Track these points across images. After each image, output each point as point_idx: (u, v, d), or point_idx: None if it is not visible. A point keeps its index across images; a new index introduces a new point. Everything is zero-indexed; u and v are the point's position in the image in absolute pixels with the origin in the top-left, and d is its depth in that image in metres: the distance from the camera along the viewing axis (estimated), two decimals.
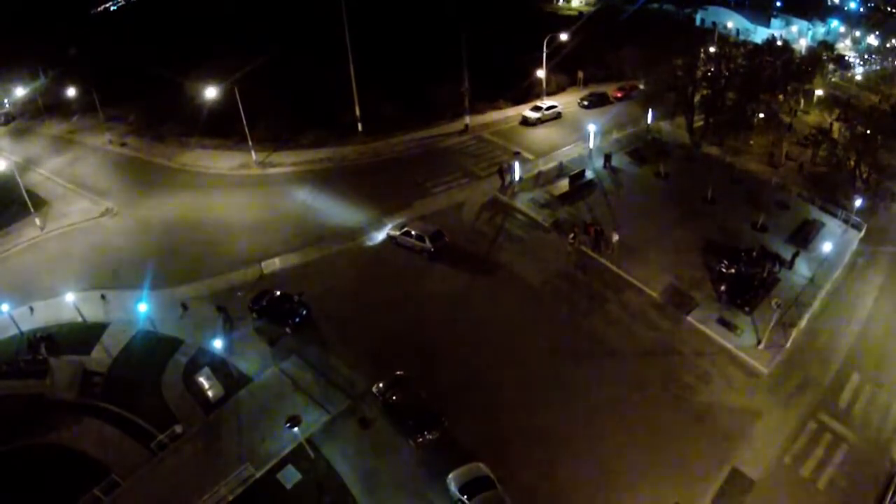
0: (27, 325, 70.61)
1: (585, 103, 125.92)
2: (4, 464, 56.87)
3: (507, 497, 51.44)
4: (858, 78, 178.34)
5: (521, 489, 53.16)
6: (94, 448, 57.69)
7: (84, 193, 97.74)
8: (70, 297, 70.47)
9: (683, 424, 60.48)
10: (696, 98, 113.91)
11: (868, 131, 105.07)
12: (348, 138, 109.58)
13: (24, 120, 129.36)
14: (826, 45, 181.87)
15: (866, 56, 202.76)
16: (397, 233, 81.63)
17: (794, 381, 66.52)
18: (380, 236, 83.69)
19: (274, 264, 78.75)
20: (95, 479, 53.16)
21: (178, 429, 58.15)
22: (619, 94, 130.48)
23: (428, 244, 78.69)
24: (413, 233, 79.91)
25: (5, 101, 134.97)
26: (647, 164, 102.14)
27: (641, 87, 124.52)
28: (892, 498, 56.08)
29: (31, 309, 73.53)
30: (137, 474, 54.91)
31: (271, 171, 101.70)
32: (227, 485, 52.86)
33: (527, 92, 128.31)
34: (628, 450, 57.58)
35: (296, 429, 52.11)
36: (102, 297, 74.14)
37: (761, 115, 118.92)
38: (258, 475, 54.13)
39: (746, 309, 73.47)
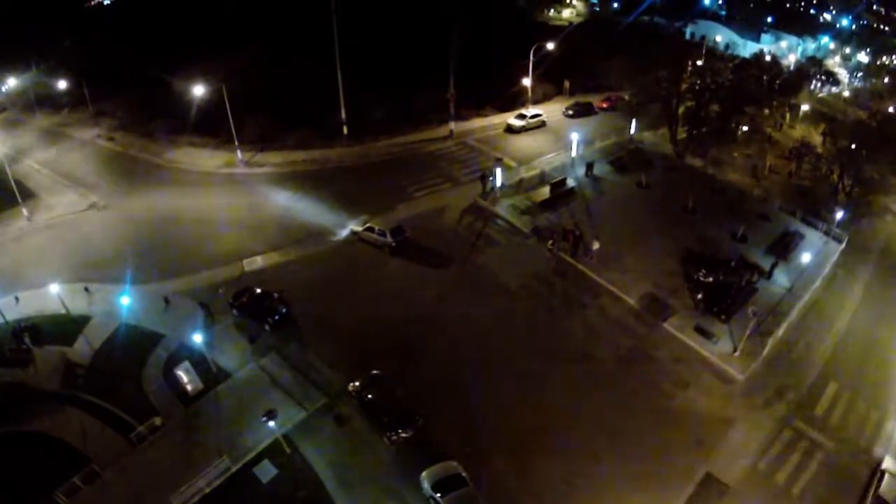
0: (12, 315, 70.71)
1: (570, 112, 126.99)
2: None
3: (479, 495, 52.15)
4: (846, 94, 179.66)
5: (493, 488, 53.82)
6: (75, 437, 58.15)
7: (71, 186, 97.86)
8: (55, 289, 70.69)
9: (658, 429, 61.11)
10: (681, 110, 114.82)
11: (853, 146, 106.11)
12: (334, 140, 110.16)
13: (15, 111, 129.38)
14: (814, 61, 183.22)
15: (856, 72, 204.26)
16: (360, 229, 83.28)
17: (770, 388, 67.28)
18: (344, 233, 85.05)
19: (255, 262, 79.44)
20: (76, 468, 53.68)
21: (158, 421, 58.64)
22: (604, 105, 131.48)
23: (389, 239, 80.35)
24: (375, 228, 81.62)
25: (3, 89, 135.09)
26: (630, 174, 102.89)
27: (627, 97, 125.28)
28: (873, 496, 57.07)
29: (17, 298, 73.71)
30: (117, 464, 55.41)
31: (256, 170, 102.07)
32: (205, 477, 53.37)
33: (513, 100, 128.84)
34: (602, 453, 58.26)
35: (272, 422, 52.74)
36: (86, 289, 74.36)
37: (745, 128, 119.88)
38: (235, 469, 54.65)
39: (723, 317, 74.23)
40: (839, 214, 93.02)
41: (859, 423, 65.45)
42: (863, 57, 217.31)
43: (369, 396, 59.42)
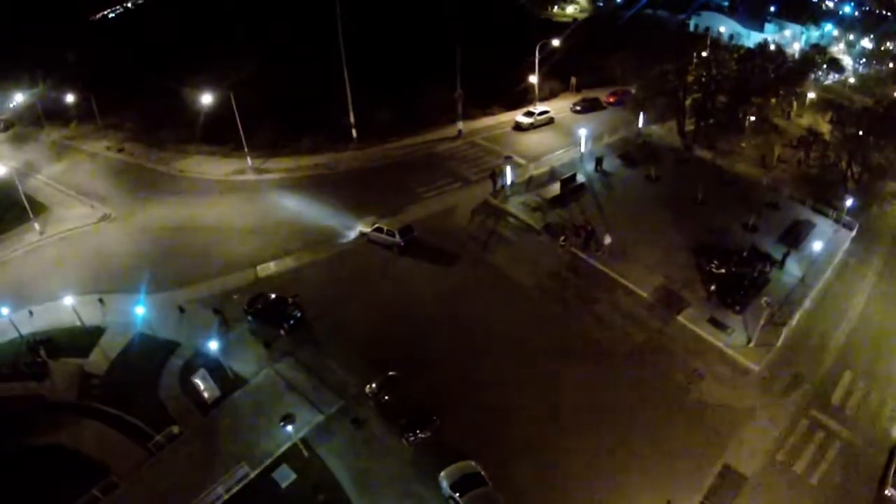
0: (26, 329, 70.99)
1: (578, 108, 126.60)
2: (5, 464, 57.36)
3: (498, 494, 52.21)
4: (852, 81, 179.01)
5: (512, 486, 53.83)
6: (92, 449, 58.38)
7: (82, 199, 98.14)
8: (69, 301, 71.03)
9: (674, 422, 61.08)
10: (688, 102, 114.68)
11: (860, 132, 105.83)
12: (343, 144, 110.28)
13: (23, 126, 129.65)
14: (819, 49, 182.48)
15: (860, 59, 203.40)
16: (369, 229, 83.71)
17: (785, 378, 66.98)
18: (352, 235, 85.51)
19: (269, 268, 79.71)
20: (94, 480, 53.80)
21: (175, 429, 58.85)
22: (611, 100, 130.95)
23: (398, 238, 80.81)
24: (384, 229, 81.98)
25: (11, 104, 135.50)
26: (639, 168, 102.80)
27: (633, 91, 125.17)
28: (893, 475, 57.10)
29: (31, 312, 74.00)
30: (136, 474, 55.66)
31: (267, 176, 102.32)
32: (224, 484, 53.59)
33: (520, 98, 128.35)
34: (619, 448, 58.28)
35: (290, 427, 52.96)
36: (100, 300, 74.58)
37: (752, 119, 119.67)
38: (253, 475, 54.86)
39: (737, 308, 74.05)
40: (849, 202, 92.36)
41: (875, 410, 65.07)
42: (866, 43, 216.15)
43: (386, 398, 59.64)
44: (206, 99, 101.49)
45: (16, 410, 62.35)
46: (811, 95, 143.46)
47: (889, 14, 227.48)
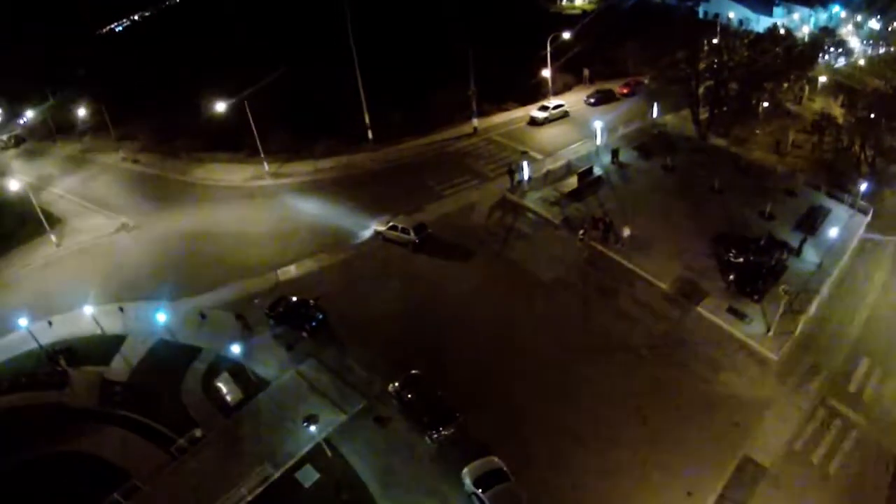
0: (46, 339, 71.47)
1: (592, 101, 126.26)
2: (29, 472, 58.11)
3: (521, 489, 52.29)
4: (861, 63, 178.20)
5: (534, 481, 53.93)
6: (114, 454, 58.87)
7: (99, 210, 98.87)
8: (88, 311, 71.68)
9: (694, 413, 60.91)
10: (701, 90, 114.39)
11: (872, 115, 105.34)
12: (359, 146, 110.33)
13: (36, 141, 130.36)
14: (827, 31, 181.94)
15: (869, 40, 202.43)
16: (383, 228, 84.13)
17: (803, 367, 66.73)
18: (366, 234, 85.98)
19: (289, 271, 79.98)
20: (118, 485, 54.13)
21: (198, 433, 59.18)
22: (624, 91, 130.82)
23: (412, 236, 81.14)
24: (399, 227, 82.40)
25: (22, 120, 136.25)
26: (655, 158, 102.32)
27: (646, 82, 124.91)
28: None
29: (50, 323, 74.62)
30: (158, 478, 56.02)
31: (284, 181, 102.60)
32: (247, 485, 53.88)
33: (534, 92, 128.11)
34: (640, 440, 58.25)
35: (313, 427, 53.12)
36: (121, 309, 75.19)
37: (766, 105, 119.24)
38: (276, 475, 55.13)
39: (755, 297, 73.65)
40: (863, 186, 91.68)
41: (893, 398, 64.64)
42: (874, 24, 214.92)
43: (409, 396, 59.72)
44: (219, 106, 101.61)
45: (37, 419, 62.99)
46: (822, 79, 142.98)
47: None
